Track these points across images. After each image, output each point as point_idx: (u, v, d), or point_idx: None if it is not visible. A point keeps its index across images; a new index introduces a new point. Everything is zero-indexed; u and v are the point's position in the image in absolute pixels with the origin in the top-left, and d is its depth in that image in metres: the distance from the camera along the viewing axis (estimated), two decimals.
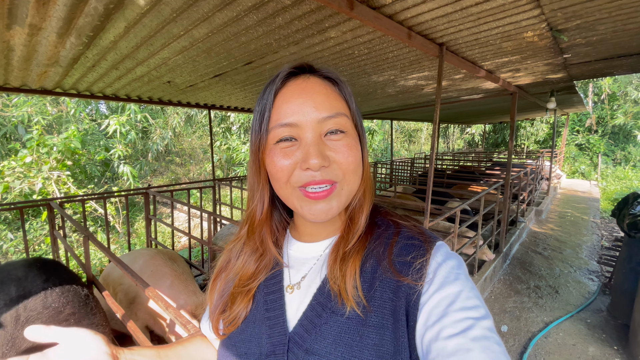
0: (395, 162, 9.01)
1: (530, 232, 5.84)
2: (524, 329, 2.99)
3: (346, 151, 0.49)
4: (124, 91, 3.36)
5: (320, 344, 0.47)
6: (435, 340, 0.40)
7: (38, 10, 1.45)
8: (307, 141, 0.47)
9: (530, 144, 16.26)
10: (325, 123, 0.48)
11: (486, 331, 0.39)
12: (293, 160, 0.48)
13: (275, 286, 0.55)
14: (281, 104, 0.49)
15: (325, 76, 0.52)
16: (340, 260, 0.50)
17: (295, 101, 0.48)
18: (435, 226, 3.80)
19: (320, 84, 0.50)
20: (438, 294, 0.44)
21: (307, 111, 0.48)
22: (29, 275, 1.58)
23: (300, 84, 0.50)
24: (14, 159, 5.75)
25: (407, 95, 4.57)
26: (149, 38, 1.92)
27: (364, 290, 0.47)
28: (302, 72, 0.52)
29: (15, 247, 5.50)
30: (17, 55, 2.02)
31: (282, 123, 0.48)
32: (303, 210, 0.50)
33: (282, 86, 0.50)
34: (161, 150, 9.91)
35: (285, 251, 0.60)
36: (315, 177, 0.47)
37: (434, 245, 0.49)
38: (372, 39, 2.11)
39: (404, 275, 0.46)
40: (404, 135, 18.89)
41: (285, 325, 0.51)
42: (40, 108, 7.05)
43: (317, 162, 0.46)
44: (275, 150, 0.49)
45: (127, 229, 3.92)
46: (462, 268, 0.47)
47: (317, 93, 0.49)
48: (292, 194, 0.50)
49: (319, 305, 0.50)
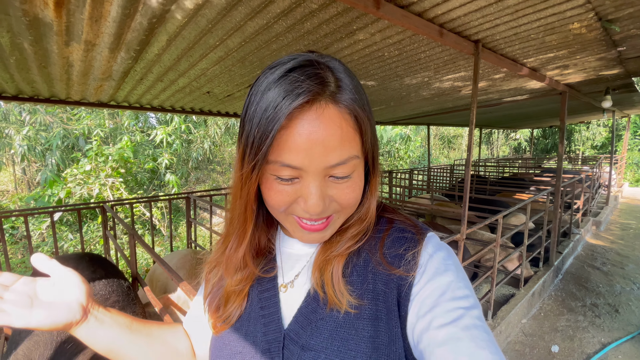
0: (433, 169, 8.70)
1: (587, 244, 5.30)
2: (578, 349, 2.69)
3: (349, 193, 0.46)
4: (168, 102, 3.62)
5: (316, 340, 0.47)
6: (427, 330, 0.41)
7: (91, 27, 1.62)
8: (310, 190, 0.43)
9: (586, 149, 14.91)
10: (332, 169, 0.43)
11: (476, 320, 0.40)
12: (291, 197, 0.45)
13: (269, 284, 0.55)
14: (283, 144, 0.41)
15: (347, 107, 0.42)
16: (324, 266, 0.49)
17: (301, 150, 0.40)
18: (473, 235, 3.58)
19: (337, 121, 0.41)
20: (429, 284, 0.44)
21: (315, 156, 0.41)
22: (79, 267, 1.75)
23: (311, 124, 0.40)
24: (76, 167, 6.40)
25: (443, 98, 4.41)
26: (189, 50, 2.05)
27: (358, 284, 0.48)
28: (322, 93, 0.41)
29: (74, 247, 6.07)
30: (76, 70, 2.26)
31: (285, 163, 0.41)
32: (295, 234, 0.50)
33: (287, 120, 0.40)
34: (202, 159, 10.48)
35: (278, 248, 0.58)
36: (313, 216, 0.46)
37: (425, 236, 0.49)
38: (402, 39, 2.08)
39: (396, 267, 0.47)
40: (443, 141, 18.23)
41: (280, 322, 0.51)
42: (99, 122, 7.81)
43: (318, 211, 0.44)
44: (273, 184, 0.44)
45: (170, 232, 4.17)
46: (452, 259, 0.48)
47: (331, 135, 0.41)
48: (287, 219, 0.49)
49: (314, 302, 0.49)
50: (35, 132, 7.22)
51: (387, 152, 13.67)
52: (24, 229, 5.45)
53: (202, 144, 9.80)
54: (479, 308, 0.42)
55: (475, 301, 0.43)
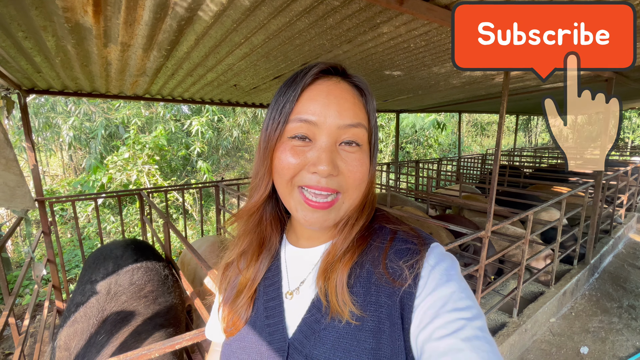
0: (464, 159, 8.33)
1: (630, 242, 4.96)
2: (609, 352, 2.58)
3: (357, 165, 0.48)
4: (198, 95, 3.75)
5: (319, 350, 0.48)
6: (428, 341, 0.41)
7: (126, 30, 1.72)
8: (322, 145, 0.47)
9: (636, 138, 13.67)
10: (344, 131, 0.48)
11: (477, 331, 0.40)
12: (302, 161, 0.48)
13: (275, 292, 0.56)
14: (305, 100, 0.48)
15: (355, 84, 0.52)
16: (328, 274, 0.50)
17: (320, 101, 0.48)
18: (502, 230, 3.47)
19: (349, 92, 0.50)
20: (431, 296, 0.44)
21: (330, 114, 0.47)
22: (125, 255, 1.90)
23: (329, 86, 0.49)
24: (116, 154, 6.83)
25: (475, 86, 4.22)
26: (215, 47, 2.11)
27: (361, 296, 0.48)
28: (334, 73, 0.52)
29: (116, 229, 6.55)
30: (114, 69, 2.40)
31: (302, 118, 0.48)
32: (298, 213, 0.50)
33: (311, 83, 0.50)
34: (231, 147, 10.78)
35: (283, 256, 0.59)
36: (321, 182, 0.47)
37: (427, 247, 0.49)
38: (429, 30, 2.01)
39: (398, 279, 0.47)
40: (476, 128, 17.39)
41: (284, 331, 0.52)
42: (136, 111, 8.23)
43: (327, 169, 0.45)
44: (287, 145, 0.49)
45: (201, 217, 4.40)
46: (455, 269, 0.47)
47: (344, 100, 0.49)
48: (292, 194, 0.50)
49: (317, 312, 0.50)
50: (80, 122, 7.75)
51: (416, 141, 13.27)
52: (72, 211, 5.96)
53: (231, 132, 10.06)
54: (481, 319, 0.42)
55: (478, 312, 0.43)
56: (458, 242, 2.06)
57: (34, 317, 3.60)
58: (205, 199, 8.69)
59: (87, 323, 1.28)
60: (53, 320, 2.80)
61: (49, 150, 8.36)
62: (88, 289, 1.51)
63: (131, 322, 1.34)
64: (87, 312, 1.37)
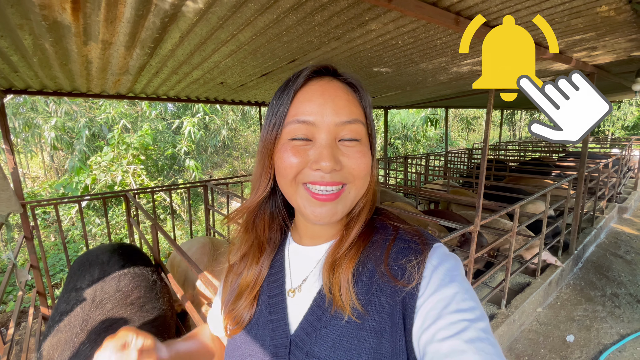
0: (451, 154, 8.46)
1: (611, 232, 5.13)
2: (595, 340, 2.67)
3: (359, 157, 0.49)
4: (184, 93, 3.67)
5: (320, 347, 0.48)
6: (431, 343, 0.41)
7: (107, 28, 1.66)
8: (322, 143, 0.47)
9: (615, 130, 14.12)
10: (342, 128, 0.49)
11: (481, 332, 0.40)
12: (303, 159, 0.48)
13: (278, 289, 0.57)
14: (301, 102, 0.49)
15: (348, 82, 0.52)
16: (334, 268, 0.50)
17: (315, 101, 0.48)
18: (490, 223, 3.53)
19: (342, 89, 0.51)
20: (433, 296, 0.44)
21: (326, 113, 0.48)
22: (111, 260, 1.83)
23: (322, 85, 0.50)
24: (100, 155, 6.65)
25: (462, 82, 4.26)
26: (201, 45, 2.06)
27: (362, 295, 0.48)
28: (326, 74, 0.52)
29: (102, 231, 6.40)
30: (95, 67, 2.32)
31: (300, 119, 0.48)
32: (306, 210, 0.50)
33: (303, 84, 0.50)
34: (219, 145, 10.65)
35: (287, 254, 0.60)
36: (325, 178, 0.47)
37: (430, 247, 0.49)
38: (417, 27, 2.01)
39: (400, 279, 0.46)
40: (462, 123, 17.64)
41: (287, 328, 0.52)
42: (120, 110, 8.02)
43: (329, 164, 0.46)
44: (287, 146, 0.49)
45: (189, 218, 4.33)
46: (458, 270, 0.47)
47: (339, 97, 0.49)
48: (297, 192, 0.50)
49: (319, 309, 0.51)
50: (62, 122, 7.50)
51: (404, 136, 13.37)
52: (54, 214, 5.79)
53: (219, 130, 9.93)
54: (484, 320, 0.41)
55: (482, 313, 0.42)
56: (450, 237, 2.09)
57: (19, 324, 3.49)
58: (193, 199, 8.58)
59: (71, 332, 1.24)
60: (39, 327, 2.72)
61: (29, 152, 8.08)
62: (73, 297, 1.46)
63: (116, 330, 1.30)
64: (71, 322, 1.32)
